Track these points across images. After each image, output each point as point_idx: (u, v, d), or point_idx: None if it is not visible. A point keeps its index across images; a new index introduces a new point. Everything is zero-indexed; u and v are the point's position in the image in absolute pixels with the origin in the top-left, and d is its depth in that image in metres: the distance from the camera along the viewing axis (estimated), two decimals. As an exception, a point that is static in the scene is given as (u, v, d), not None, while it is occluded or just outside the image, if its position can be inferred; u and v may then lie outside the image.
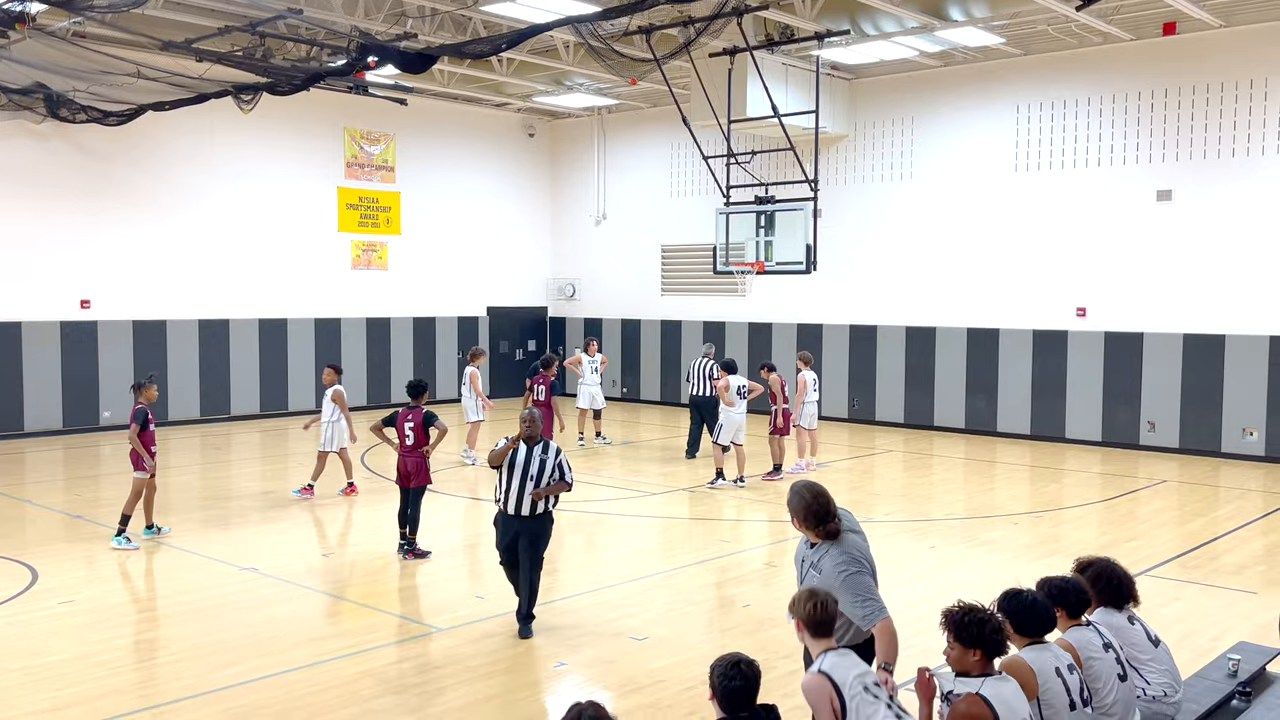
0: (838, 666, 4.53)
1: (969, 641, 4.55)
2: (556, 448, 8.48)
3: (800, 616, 4.72)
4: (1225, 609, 9.12)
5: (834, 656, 4.60)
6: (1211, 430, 17.46)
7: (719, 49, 16.52)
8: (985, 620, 4.57)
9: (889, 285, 21.05)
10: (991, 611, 4.67)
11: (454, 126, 24.74)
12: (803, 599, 4.75)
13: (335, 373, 14.10)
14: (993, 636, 4.56)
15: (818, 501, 5.19)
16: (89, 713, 6.75)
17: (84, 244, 19.49)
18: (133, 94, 15.57)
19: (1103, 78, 18.32)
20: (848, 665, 4.55)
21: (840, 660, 4.57)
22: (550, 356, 16.17)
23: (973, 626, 4.55)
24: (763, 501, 13.90)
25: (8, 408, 18.74)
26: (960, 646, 4.58)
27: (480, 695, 7.13)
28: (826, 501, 5.20)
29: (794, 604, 4.78)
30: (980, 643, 4.54)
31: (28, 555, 10.70)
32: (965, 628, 4.57)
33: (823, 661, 4.58)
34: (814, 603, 4.70)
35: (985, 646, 4.54)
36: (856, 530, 5.39)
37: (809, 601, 4.71)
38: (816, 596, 4.73)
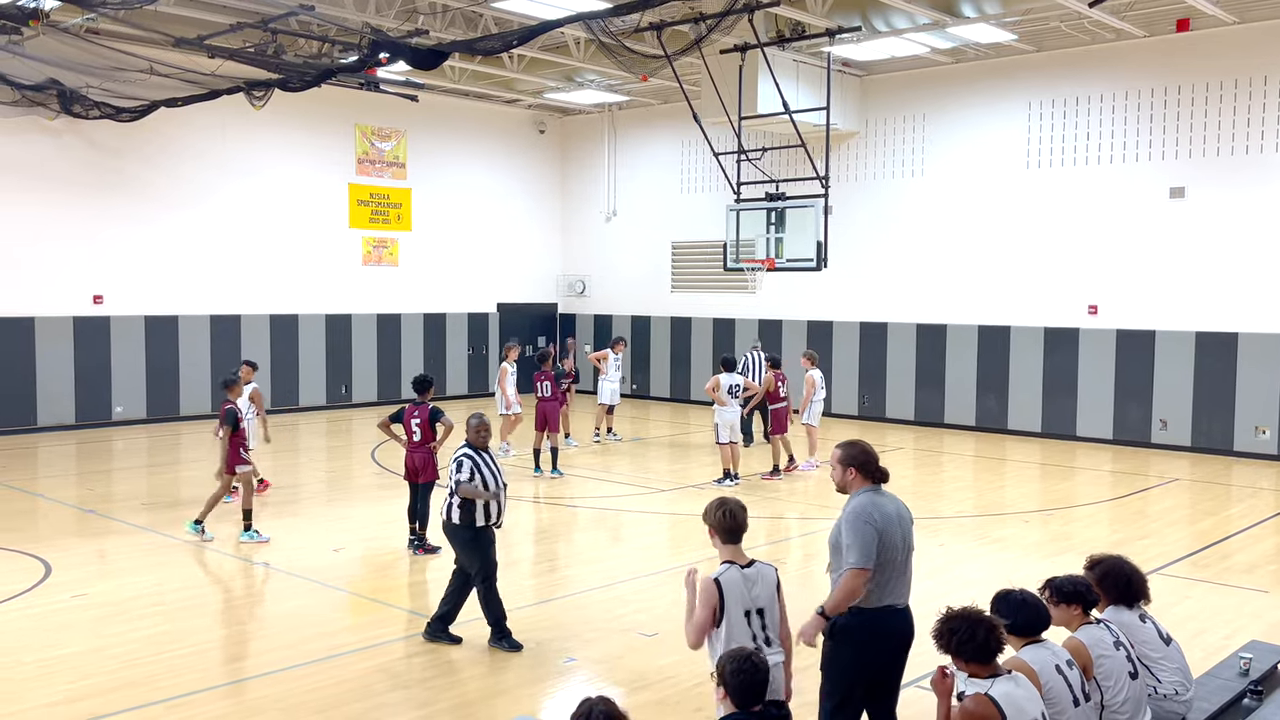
0: (732, 578, 5.03)
1: (969, 657, 4.56)
2: None
3: (711, 524, 5.18)
4: (1237, 607, 9.09)
5: (735, 570, 5.07)
6: (1224, 428, 17.39)
7: (730, 45, 16.50)
8: (972, 636, 4.52)
9: (900, 282, 21.01)
10: (978, 617, 4.59)
11: (465, 123, 24.76)
12: (713, 507, 5.21)
13: (252, 370, 13.71)
14: (985, 645, 4.53)
15: (731, 519, 5.20)
16: (102, 705, 6.79)
17: (96, 239, 19.58)
18: (145, 90, 15.62)
19: (1115, 74, 18.24)
20: (739, 580, 5.04)
21: (735, 573, 5.05)
22: (545, 351, 16.14)
23: (966, 645, 4.54)
24: (769, 499, 13.89)
25: (21, 402, 18.84)
26: (961, 661, 4.59)
27: (490, 690, 7.15)
28: (736, 521, 5.20)
29: (706, 512, 5.24)
30: (977, 656, 4.53)
31: (41, 549, 10.77)
32: (961, 648, 4.56)
33: (722, 570, 5.07)
34: (723, 510, 5.15)
35: (982, 657, 4.54)
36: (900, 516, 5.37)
37: (719, 509, 5.17)
38: (726, 505, 5.17)
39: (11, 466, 15.87)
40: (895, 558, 5.23)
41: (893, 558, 5.22)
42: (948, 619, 4.63)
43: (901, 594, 5.29)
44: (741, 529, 5.17)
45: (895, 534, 5.24)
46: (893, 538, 5.22)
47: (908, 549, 5.33)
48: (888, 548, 5.19)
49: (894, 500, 5.38)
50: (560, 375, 15.84)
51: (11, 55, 13.97)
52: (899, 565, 5.26)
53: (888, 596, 5.24)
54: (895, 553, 5.23)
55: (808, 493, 14.31)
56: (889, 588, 5.24)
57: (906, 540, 5.32)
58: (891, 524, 5.25)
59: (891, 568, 5.22)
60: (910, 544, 5.36)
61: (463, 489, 7.85)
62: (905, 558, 5.30)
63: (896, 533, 5.25)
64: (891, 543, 5.21)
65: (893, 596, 5.25)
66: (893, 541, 5.22)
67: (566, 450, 16.91)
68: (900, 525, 5.29)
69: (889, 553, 5.20)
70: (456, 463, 7.99)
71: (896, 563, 5.24)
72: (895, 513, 5.31)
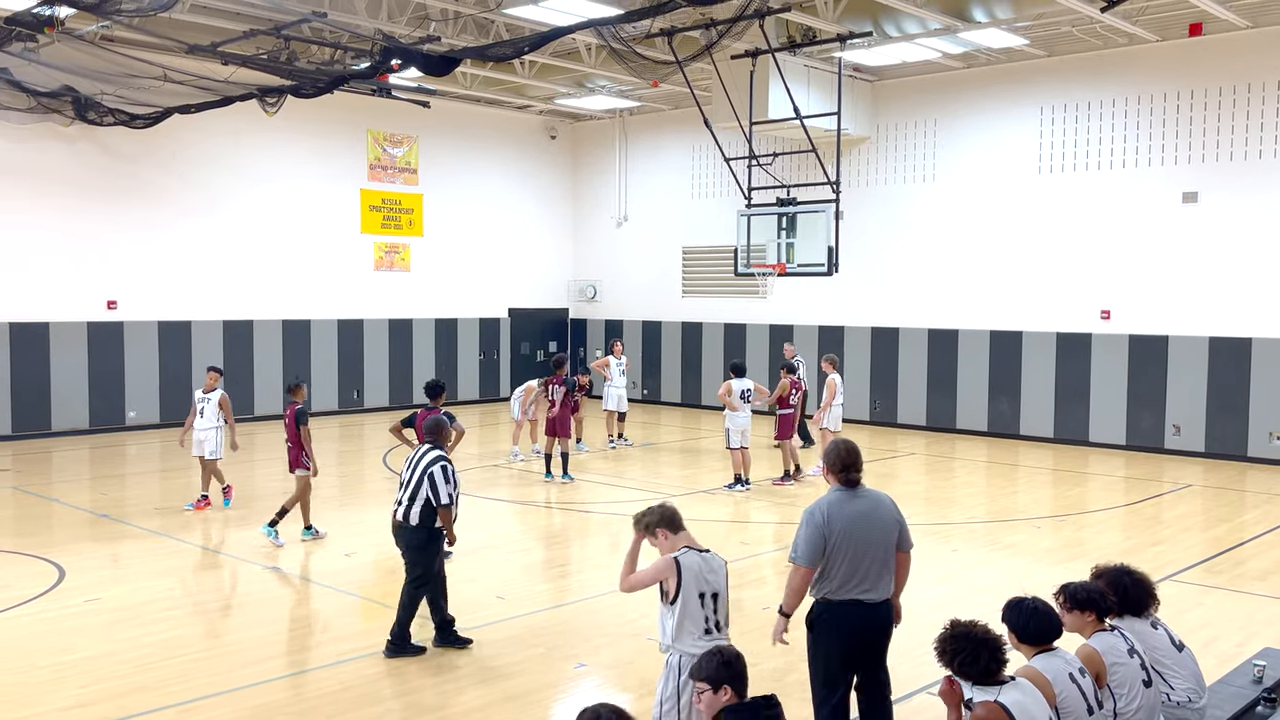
0: (691, 560, 5.32)
1: (969, 679, 4.54)
2: None
3: (653, 520, 5.62)
4: (1250, 615, 9.04)
5: (694, 554, 5.36)
6: (1238, 434, 17.30)
7: (741, 51, 16.50)
8: (975, 659, 4.50)
9: (911, 287, 20.97)
10: (982, 638, 4.56)
11: (476, 129, 24.83)
12: (643, 512, 5.68)
13: (219, 376, 13.30)
14: (986, 669, 4.51)
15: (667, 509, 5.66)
16: (114, 709, 6.82)
17: (110, 245, 19.69)
18: (159, 97, 15.71)
19: (1128, 79, 18.19)
20: (699, 561, 5.32)
21: (694, 556, 5.35)
22: (560, 357, 16.17)
23: (968, 667, 4.53)
24: (780, 505, 13.87)
25: (35, 407, 18.95)
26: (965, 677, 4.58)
27: (500, 696, 7.16)
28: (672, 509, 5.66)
29: (642, 515, 5.69)
30: (979, 680, 4.52)
31: (55, 553, 10.82)
32: (962, 669, 4.55)
33: (683, 552, 5.39)
34: (658, 507, 5.63)
35: (983, 680, 4.52)
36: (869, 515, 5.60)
37: (650, 511, 5.65)
38: (653, 508, 5.65)
39: (26, 471, 15.96)
40: (853, 554, 5.43)
41: (850, 554, 5.42)
42: (952, 636, 4.61)
43: (869, 588, 5.47)
44: (679, 518, 5.57)
45: (857, 532, 5.44)
46: (850, 535, 5.42)
47: (879, 546, 5.48)
48: (843, 545, 5.42)
49: (871, 500, 5.59)
50: (572, 385, 15.86)
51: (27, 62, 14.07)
52: (862, 562, 5.45)
53: (854, 590, 5.45)
54: (853, 549, 5.43)
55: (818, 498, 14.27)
56: (852, 582, 5.45)
57: (876, 539, 5.48)
58: (850, 523, 5.45)
59: (850, 563, 5.44)
60: (886, 542, 5.53)
61: (451, 512, 7.94)
62: (875, 555, 5.47)
63: (859, 531, 5.44)
64: (848, 540, 5.42)
65: (860, 591, 5.45)
66: (850, 539, 5.42)
67: (578, 456, 16.92)
68: (868, 524, 5.48)
69: (845, 549, 5.42)
70: (444, 471, 7.94)
71: (856, 559, 5.43)
72: (862, 512, 5.51)
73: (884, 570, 5.52)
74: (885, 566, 5.52)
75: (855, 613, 5.47)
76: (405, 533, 8.00)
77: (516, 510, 13.60)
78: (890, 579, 5.56)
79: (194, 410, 12.93)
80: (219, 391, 12.99)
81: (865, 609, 5.47)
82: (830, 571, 5.46)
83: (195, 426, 12.81)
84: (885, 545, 5.52)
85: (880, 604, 5.52)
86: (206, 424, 12.80)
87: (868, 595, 5.47)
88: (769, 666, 7.73)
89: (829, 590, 5.49)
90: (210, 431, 12.81)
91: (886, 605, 5.58)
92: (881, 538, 5.50)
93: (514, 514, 13.42)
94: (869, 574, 5.46)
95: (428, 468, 7.94)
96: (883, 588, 5.51)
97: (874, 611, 5.50)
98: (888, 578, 5.53)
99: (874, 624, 5.54)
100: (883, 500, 5.66)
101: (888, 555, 5.53)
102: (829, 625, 5.52)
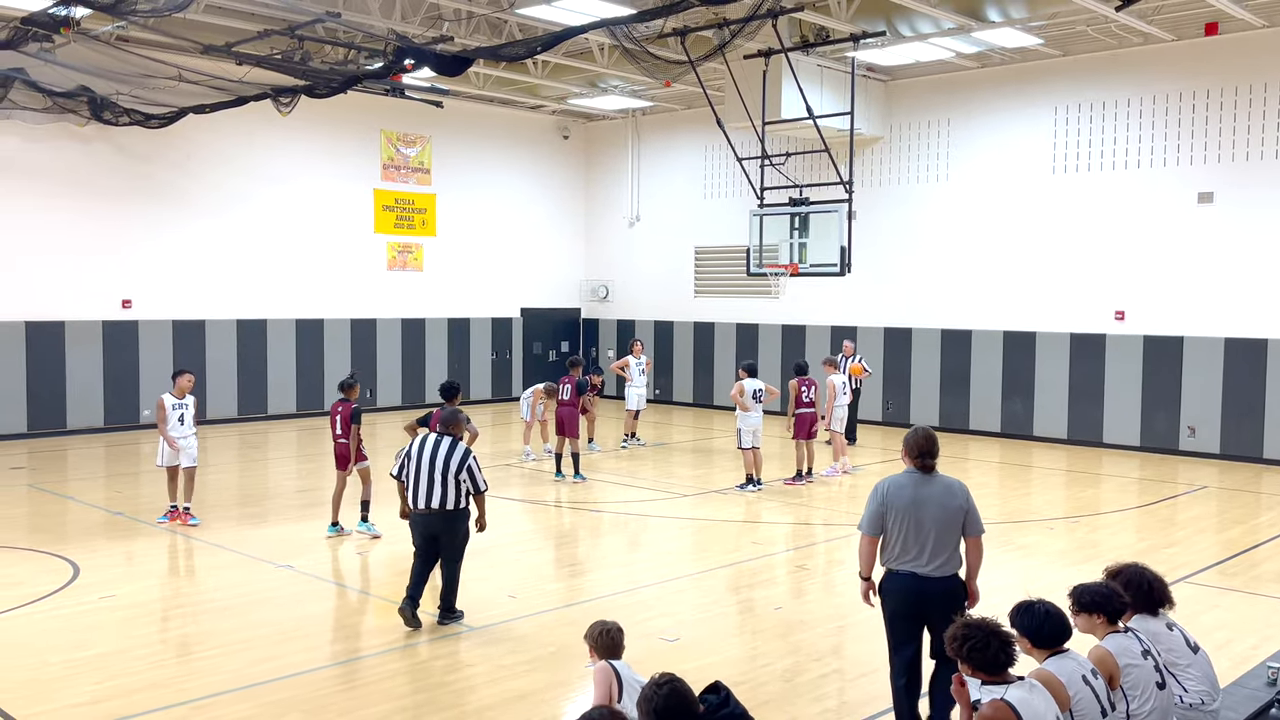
0: (629, 676, 5.40)
1: (977, 665, 4.57)
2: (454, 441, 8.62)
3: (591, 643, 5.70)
4: (1265, 617, 8.98)
5: (625, 667, 5.46)
6: (1253, 436, 17.19)
7: (754, 51, 16.49)
8: (985, 646, 4.55)
9: (924, 288, 20.91)
10: (994, 629, 4.61)
11: (489, 129, 24.87)
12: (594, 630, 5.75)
13: (192, 378, 12.41)
14: (995, 658, 4.53)
15: (607, 637, 5.71)
16: (128, 706, 6.85)
17: (125, 244, 19.79)
18: (174, 97, 15.79)
19: (1143, 79, 18.10)
20: (636, 678, 5.33)
21: (631, 672, 5.45)
22: (575, 359, 16.22)
23: (976, 654, 4.56)
24: (794, 505, 13.85)
25: (51, 405, 19.06)
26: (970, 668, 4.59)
27: (511, 694, 7.16)
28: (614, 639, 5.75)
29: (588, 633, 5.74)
30: (985, 666, 4.53)
31: (69, 550, 10.89)
32: (970, 654, 4.58)
33: (617, 664, 5.50)
34: (604, 630, 5.70)
35: (990, 669, 4.53)
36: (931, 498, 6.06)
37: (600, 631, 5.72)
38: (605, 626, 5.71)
39: (42, 469, 16.05)
40: (910, 529, 5.97)
41: (906, 529, 5.97)
42: (965, 624, 4.69)
43: (924, 563, 5.97)
44: (615, 646, 5.67)
45: (915, 510, 5.96)
46: (908, 512, 5.97)
47: (937, 526, 5.96)
48: (901, 520, 5.98)
49: (940, 485, 6.07)
50: (584, 385, 15.89)
51: (43, 63, 14.16)
52: (917, 537, 5.96)
53: (909, 562, 6.01)
54: (910, 525, 5.97)
55: (831, 498, 14.26)
56: (907, 555, 6.01)
57: (934, 519, 5.95)
58: (911, 501, 5.98)
59: (905, 538, 5.99)
60: (946, 524, 5.98)
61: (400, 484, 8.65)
62: (931, 533, 5.95)
63: (918, 510, 5.96)
64: (906, 516, 5.97)
65: (913, 563, 5.99)
66: (908, 515, 5.97)
67: (590, 455, 16.93)
68: (929, 505, 5.97)
69: (903, 524, 5.98)
70: (477, 461, 8.60)
71: (912, 534, 5.97)
72: (926, 494, 6.01)
73: (941, 549, 5.97)
74: (942, 546, 5.97)
75: (909, 582, 6.02)
76: (444, 519, 8.46)
77: (528, 509, 13.61)
78: (950, 559, 6.01)
79: (166, 416, 11.92)
80: (191, 397, 12.22)
81: (918, 580, 5.99)
82: (890, 542, 6.07)
83: (173, 433, 11.94)
84: (944, 526, 5.97)
85: (936, 578, 5.98)
86: (186, 431, 12.05)
87: (921, 569, 5.98)
88: (779, 666, 7.72)
89: (889, 560, 6.12)
90: (190, 438, 12.12)
91: (945, 580, 6.00)
92: (940, 518, 5.96)
93: (525, 513, 13.44)
94: (924, 549, 5.96)
95: (464, 460, 8.40)
96: (940, 564, 5.98)
97: (927, 583, 5.98)
98: (945, 556, 5.99)
99: (927, 595, 5.99)
100: (953, 486, 6.11)
101: (946, 536, 5.98)
102: (887, 591, 6.18)
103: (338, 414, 11.74)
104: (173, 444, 11.94)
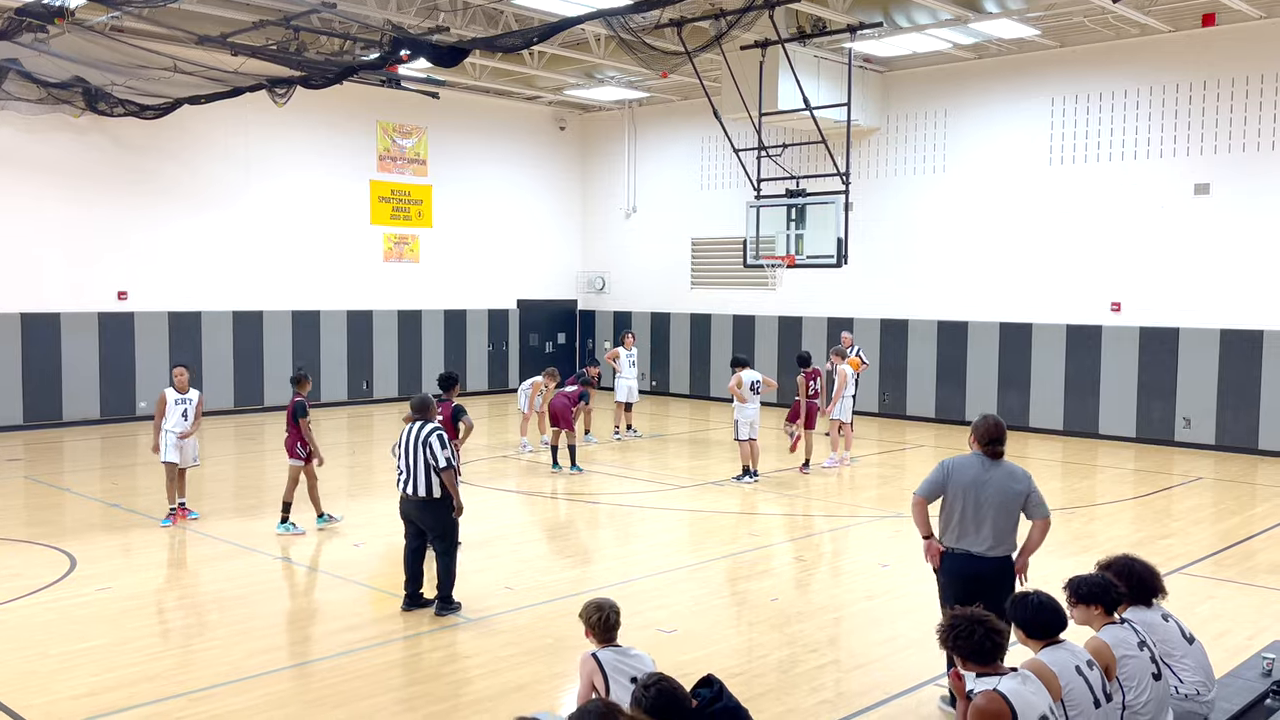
0: (616, 664, 5.32)
1: (965, 655, 4.59)
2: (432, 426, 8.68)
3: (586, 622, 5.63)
4: (1260, 608, 9.02)
5: (612, 653, 5.38)
6: (1249, 427, 17.24)
7: (750, 41, 16.47)
8: (970, 634, 4.58)
9: (921, 279, 20.92)
10: (979, 618, 4.64)
11: (485, 120, 24.82)
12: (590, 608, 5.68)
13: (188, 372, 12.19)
14: (980, 646, 4.55)
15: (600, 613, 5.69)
16: (126, 698, 6.86)
17: (120, 236, 19.75)
18: (169, 88, 15.74)
19: (1140, 70, 18.09)
20: (624, 662, 5.30)
21: (619, 657, 5.37)
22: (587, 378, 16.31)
23: (962, 642, 4.59)
24: (792, 496, 13.87)
25: (47, 397, 19.04)
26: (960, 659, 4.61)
27: (509, 685, 7.18)
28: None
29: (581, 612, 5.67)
30: (973, 656, 4.55)
31: (66, 542, 10.88)
32: (956, 644, 4.61)
33: (600, 653, 5.44)
34: (600, 614, 5.60)
35: (977, 658, 4.55)
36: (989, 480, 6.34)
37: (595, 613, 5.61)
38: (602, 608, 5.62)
39: (37, 461, 16.04)
40: (969, 510, 6.26)
41: (965, 509, 6.27)
42: (951, 616, 4.74)
43: (979, 544, 6.27)
44: (609, 626, 5.60)
45: (976, 493, 6.24)
46: (968, 494, 6.25)
47: (996, 510, 6.23)
48: (960, 499, 6.28)
49: (1003, 471, 6.32)
50: (586, 397, 15.89)
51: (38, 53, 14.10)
52: (975, 519, 6.26)
53: (965, 542, 6.33)
54: (970, 506, 6.25)
55: (828, 490, 14.28)
56: (961, 535, 6.33)
57: (993, 502, 6.23)
58: (972, 482, 6.26)
59: (963, 518, 6.29)
60: (1005, 508, 6.25)
61: (454, 476, 8.71)
62: (989, 516, 6.24)
63: (978, 493, 6.24)
64: (966, 497, 6.25)
65: (969, 543, 6.31)
66: (968, 496, 6.25)
67: (586, 447, 16.94)
68: (990, 489, 6.24)
69: (962, 504, 6.28)
70: (440, 439, 8.57)
71: (969, 515, 6.27)
72: (988, 478, 6.27)
73: (996, 530, 6.26)
74: (999, 527, 6.26)
75: (964, 563, 6.33)
76: (426, 507, 8.57)
77: (524, 501, 13.63)
78: (1005, 541, 6.30)
79: (164, 411, 11.70)
80: (196, 392, 12.06)
81: (973, 560, 6.29)
82: (949, 522, 6.37)
83: (175, 430, 11.72)
84: (1002, 509, 6.25)
85: (991, 559, 6.28)
86: (188, 428, 11.83)
87: (976, 548, 6.28)
88: (776, 658, 7.74)
89: (947, 539, 6.41)
90: (192, 437, 11.95)
91: (999, 560, 6.31)
92: (1000, 502, 6.24)
93: (522, 505, 13.45)
94: (980, 531, 6.26)
95: (425, 438, 8.47)
96: (994, 545, 6.27)
97: (981, 563, 6.28)
98: (1001, 538, 6.28)
99: (980, 574, 6.26)
100: (1016, 472, 6.38)
101: (1004, 519, 6.27)
102: (944, 569, 6.47)
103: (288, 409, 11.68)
104: (156, 437, 11.66)
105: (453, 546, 8.75)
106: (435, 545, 8.72)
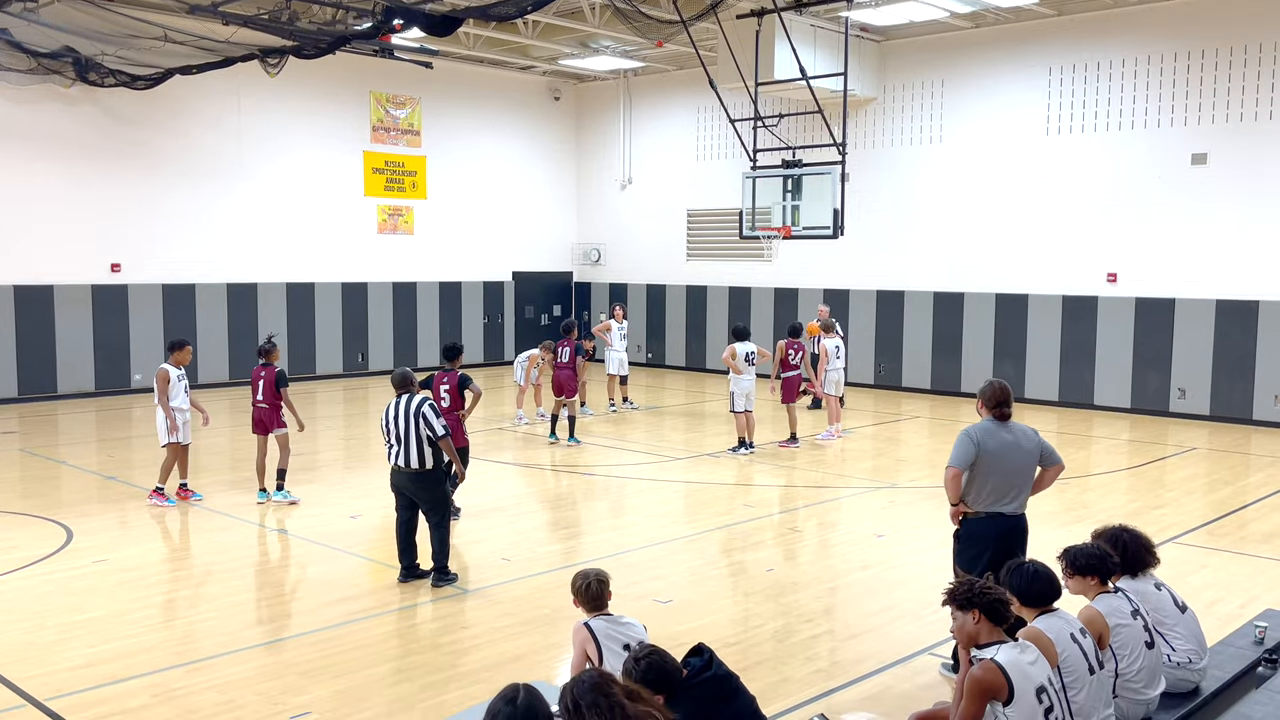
0: (609, 632, 5.37)
1: (965, 605, 4.62)
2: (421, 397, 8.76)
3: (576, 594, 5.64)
4: (1253, 576, 9.07)
5: (604, 621, 5.43)
6: (1243, 397, 17.28)
7: (746, 10, 16.34)
8: (974, 583, 4.67)
9: (917, 250, 20.88)
10: (980, 583, 4.71)
11: (479, 90, 24.66)
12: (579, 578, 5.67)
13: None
14: (984, 596, 4.59)
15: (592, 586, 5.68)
16: (124, 669, 6.88)
17: (113, 208, 19.64)
18: (160, 57, 15.59)
19: (1138, 39, 17.98)
20: (616, 630, 5.38)
21: (612, 625, 5.41)
22: (570, 322, 16.18)
23: (963, 591, 4.64)
24: (785, 468, 13.91)
25: (41, 370, 19.01)
26: (960, 614, 4.64)
27: (506, 655, 7.21)
28: None
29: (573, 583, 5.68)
30: (974, 604, 4.59)
31: (62, 515, 10.90)
32: (957, 593, 4.66)
33: (593, 621, 5.47)
34: (585, 582, 5.61)
35: (982, 608, 4.58)
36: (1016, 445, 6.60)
37: (580, 580, 5.63)
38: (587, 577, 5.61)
39: (32, 433, 16.03)
40: (1002, 474, 6.48)
41: (999, 473, 6.48)
42: (956, 582, 4.81)
43: (1010, 503, 6.53)
44: (599, 598, 5.61)
45: (1006, 454, 6.48)
46: (1000, 457, 6.47)
47: (1023, 469, 6.54)
48: (992, 465, 6.46)
49: (1018, 431, 6.60)
50: (581, 349, 15.87)
51: (27, 23, 13.94)
52: (1008, 480, 6.50)
53: (998, 505, 6.52)
54: (1003, 469, 6.48)
55: (823, 461, 14.32)
56: (997, 499, 6.51)
57: (1020, 463, 6.52)
58: (1001, 446, 6.48)
59: (997, 482, 6.49)
60: (1029, 466, 6.56)
61: (450, 443, 8.88)
62: (1019, 476, 6.53)
63: (1008, 454, 6.49)
64: (998, 461, 6.46)
65: (1002, 505, 6.52)
66: (1000, 459, 6.46)
67: (582, 419, 16.95)
68: (1014, 451, 6.51)
69: (995, 468, 6.47)
70: (433, 409, 8.73)
71: (1003, 478, 6.49)
72: (1010, 440, 6.53)
73: (1025, 488, 6.60)
74: (1025, 485, 6.60)
75: (998, 523, 6.53)
76: (418, 479, 8.63)
77: (521, 473, 13.65)
78: (1026, 496, 6.62)
79: (168, 388, 11.37)
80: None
81: (1006, 519, 6.55)
82: (979, 486, 6.53)
83: (183, 406, 11.50)
84: (1028, 468, 6.59)
85: (1018, 515, 6.59)
86: (187, 403, 11.55)
87: (1008, 508, 6.54)
88: (771, 628, 7.78)
89: (978, 504, 6.55)
90: (188, 412, 11.59)
91: (1022, 517, 6.63)
92: (1025, 462, 6.56)
93: (519, 477, 13.47)
94: (1011, 491, 6.53)
95: (418, 410, 8.55)
96: (1021, 503, 6.60)
97: (1008, 520, 6.56)
98: (1025, 494, 6.61)
99: (1009, 531, 6.55)
100: (1027, 431, 6.66)
101: (1028, 476, 6.59)
102: (976, 536, 6.59)
103: (260, 379, 11.48)
104: (171, 418, 11.30)
105: (446, 518, 8.79)
106: (429, 517, 8.75)
